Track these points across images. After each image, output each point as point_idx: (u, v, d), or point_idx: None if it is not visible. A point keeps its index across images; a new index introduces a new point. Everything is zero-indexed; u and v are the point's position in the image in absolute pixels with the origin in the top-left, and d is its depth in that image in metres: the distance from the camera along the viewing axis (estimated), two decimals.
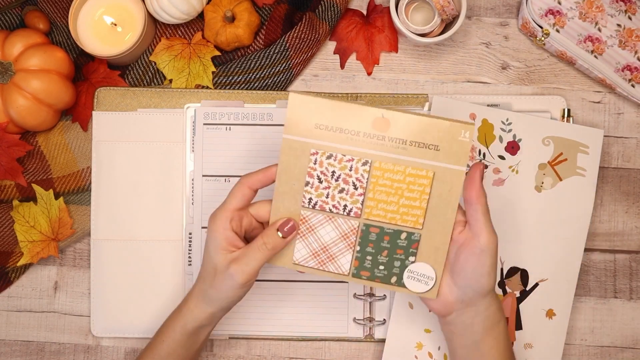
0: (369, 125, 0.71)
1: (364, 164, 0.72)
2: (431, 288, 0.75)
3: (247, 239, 0.77)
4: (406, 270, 0.75)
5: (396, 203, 0.73)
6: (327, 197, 0.74)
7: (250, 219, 0.75)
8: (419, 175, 0.72)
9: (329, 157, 0.72)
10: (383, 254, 0.75)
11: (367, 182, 0.73)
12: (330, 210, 0.74)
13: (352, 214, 0.74)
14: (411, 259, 0.75)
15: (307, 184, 0.73)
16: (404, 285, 0.75)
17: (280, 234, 0.73)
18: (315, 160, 0.72)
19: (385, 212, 0.73)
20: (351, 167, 0.72)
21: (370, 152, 0.72)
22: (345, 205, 0.74)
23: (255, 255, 0.73)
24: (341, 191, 0.73)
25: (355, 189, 0.73)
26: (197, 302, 0.77)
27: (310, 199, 0.74)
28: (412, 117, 0.71)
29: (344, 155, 0.72)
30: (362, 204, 0.73)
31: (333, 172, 0.73)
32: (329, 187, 0.73)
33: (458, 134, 0.70)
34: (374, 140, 0.71)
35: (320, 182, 0.73)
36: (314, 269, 0.76)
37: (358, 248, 0.75)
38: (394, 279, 0.75)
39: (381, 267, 0.75)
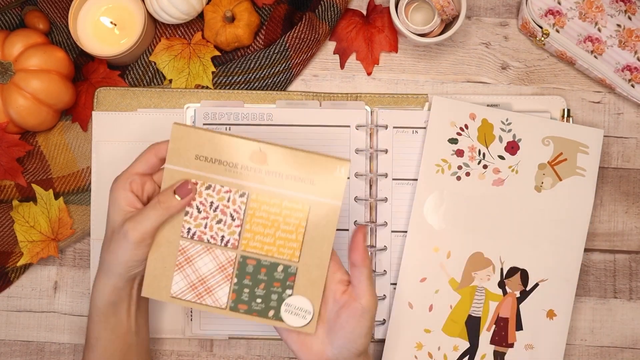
0: (246, 157, 0.72)
1: (242, 195, 0.73)
2: (309, 322, 0.74)
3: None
4: (283, 303, 0.74)
5: (273, 235, 0.73)
6: (205, 228, 0.74)
7: (154, 186, 0.75)
8: (295, 209, 0.73)
9: (207, 188, 0.73)
10: (260, 287, 0.74)
11: (244, 213, 0.73)
12: (208, 240, 0.74)
13: (229, 244, 0.74)
14: (288, 292, 0.74)
15: (186, 213, 0.73)
16: (281, 319, 0.74)
17: (178, 197, 0.72)
18: (195, 191, 0.73)
19: (262, 244, 0.74)
20: (229, 199, 0.73)
21: (248, 184, 0.73)
22: (222, 236, 0.74)
23: (149, 213, 0.71)
24: (219, 222, 0.74)
25: (233, 220, 0.73)
26: (99, 276, 0.75)
27: (189, 228, 0.74)
28: (288, 152, 0.72)
29: (222, 187, 0.73)
30: (239, 235, 0.74)
31: (211, 202, 0.73)
32: (207, 217, 0.73)
33: (333, 169, 0.72)
34: (251, 173, 0.73)
35: (199, 212, 0.73)
36: (190, 302, 0.75)
37: (235, 280, 0.74)
38: (271, 313, 0.74)
39: (259, 300, 0.74)
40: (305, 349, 0.74)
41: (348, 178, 0.85)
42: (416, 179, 0.88)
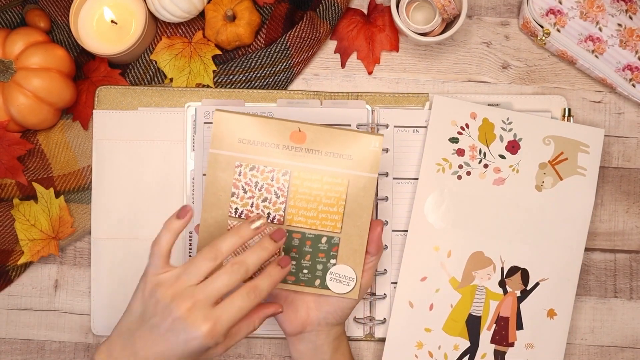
0: (287, 138, 0.76)
1: (284, 174, 0.77)
2: (352, 288, 0.79)
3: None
4: (328, 272, 0.79)
5: (315, 209, 0.77)
6: (251, 207, 0.77)
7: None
8: (335, 183, 0.77)
9: (252, 169, 0.76)
10: (306, 259, 0.78)
11: (287, 190, 0.77)
12: None
13: (275, 221, 0.78)
14: (332, 261, 0.78)
15: (232, 194, 0.77)
16: (327, 287, 0.79)
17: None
18: (240, 172, 0.76)
19: (306, 218, 0.77)
20: (272, 178, 0.77)
21: (290, 162, 0.76)
22: (269, 214, 0.78)
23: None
24: (264, 200, 0.77)
25: (277, 197, 0.77)
26: None
27: (237, 208, 0.77)
28: (326, 130, 0.76)
29: (266, 167, 0.77)
30: (284, 212, 0.77)
31: (256, 182, 0.77)
32: (253, 197, 0.77)
33: (369, 144, 0.76)
34: (292, 152, 0.76)
35: (245, 192, 0.77)
36: None
37: (282, 254, 0.78)
38: (317, 282, 0.79)
39: (305, 271, 0.78)
40: (292, 311, 0.79)
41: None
42: (417, 178, 0.88)
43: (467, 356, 0.87)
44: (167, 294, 0.67)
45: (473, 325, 0.87)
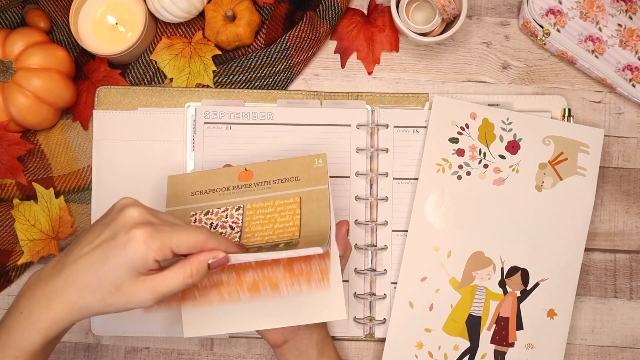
0: (235, 179, 0.80)
1: (237, 209, 0.79)
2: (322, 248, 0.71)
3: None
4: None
5: (271, 229, 0.78)
6: None
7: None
8: (287, 203, 0.78)
9: (206, 214, 0.79)
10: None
11: (242, 221, 0.78)
12: None
13: None
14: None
15: None
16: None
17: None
18: (195, 219, 0.79)
19: (262, 237, 0.77)
20: (227, 215, 0.79)
21: (241, 199, 0.79)
22: None
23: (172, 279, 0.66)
24: (221, 234, 0.77)
25: (232, 229, 0.78)
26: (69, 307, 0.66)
27: None
28: (270, 163, 0.80)
29: (219, 208, 0.79)
30: (239, 238, 0.77)
31: (211, 223, 0.78)
32: None
33: (313, 163, 0.79)
34: (242, 190, 0.80)
35: None
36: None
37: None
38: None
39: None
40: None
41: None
42: (417, 178, 0.88)
43: (467, 356, 0.87)
44: (135, 213, 0.66)
45: (473, 325, 0.87)
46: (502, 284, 0.87)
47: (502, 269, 0.88)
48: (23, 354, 0.66)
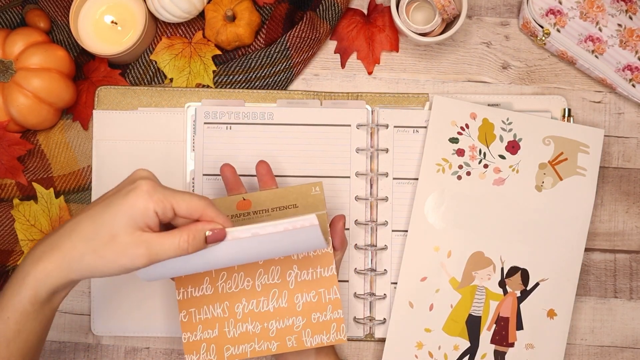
0: (234, 208, 0.80)
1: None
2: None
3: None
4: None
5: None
6: None
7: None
8: None
9: None
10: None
11: None
12: None
13: None
14: None
15: None
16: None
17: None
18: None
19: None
20: None
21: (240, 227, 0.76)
22: None
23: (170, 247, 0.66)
24: None
25: None
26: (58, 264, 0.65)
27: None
28: (268, 192, 0.81)
29: None
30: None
31: None
32: None
33: (309, 191, 0.81)
34: (241, 218, 0.80)
35: None
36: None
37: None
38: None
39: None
40: None
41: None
42: (417, 178, 0.88)
43: (467, 356, 0.87)
44: (144, 173, 0.67)
45: (473, 325, 0.87)
46: (502, 284, 0.87)
47: (502, 269, 0.88)
48: (13, 314, 0.65)
